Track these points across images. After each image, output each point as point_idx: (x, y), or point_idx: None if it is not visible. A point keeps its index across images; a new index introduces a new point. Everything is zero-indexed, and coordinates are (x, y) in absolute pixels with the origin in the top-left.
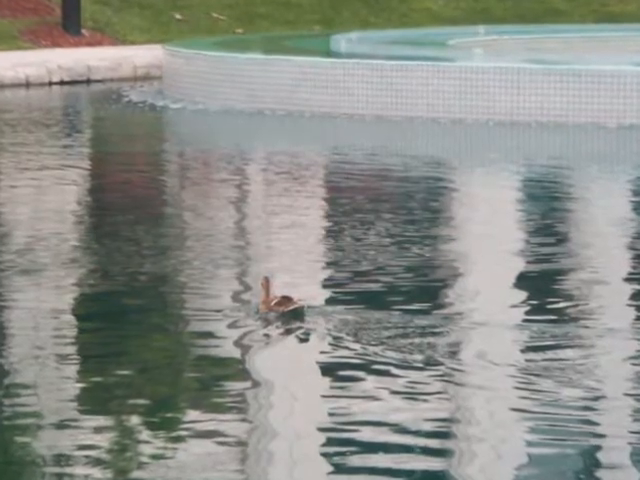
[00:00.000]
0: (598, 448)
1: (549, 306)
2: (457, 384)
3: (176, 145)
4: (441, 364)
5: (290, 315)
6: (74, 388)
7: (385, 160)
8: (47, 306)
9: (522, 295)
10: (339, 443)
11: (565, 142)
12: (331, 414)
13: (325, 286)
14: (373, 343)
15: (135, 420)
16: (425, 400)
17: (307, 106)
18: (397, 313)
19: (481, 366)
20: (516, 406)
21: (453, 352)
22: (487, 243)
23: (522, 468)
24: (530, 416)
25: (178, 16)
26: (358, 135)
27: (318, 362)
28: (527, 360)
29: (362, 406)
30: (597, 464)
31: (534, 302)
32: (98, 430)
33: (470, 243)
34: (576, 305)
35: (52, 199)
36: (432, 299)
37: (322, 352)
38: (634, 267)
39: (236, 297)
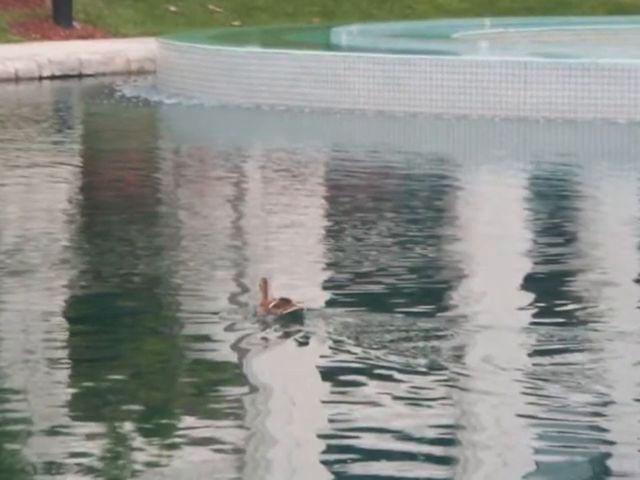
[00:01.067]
0: (607, 455)
1: (557, 308)
2: (462, 389)
3: (171, 141)
4: (445, 368)
5: (289, 318)
6: (65, 393)
7: (387, 157)
8: (37, 308)
9: (529, 297)
10: (340, 450)
11: (574, 138)
12: (331, 420)
13: (325, 288)
14: (375, 347)
15: (129, 426)
16: (429, 406)
17: (307, 101)
18: (400, 316)
19: (487, 371)
20: (523, 412)
21: (458, 356)
22: (493, 243)
23: (529, 476)
24: (537, 422)
25: (173, 8)
26: (359, 131)
27: (318, 366)
28: (534, 364)
29: (363, 412)
30: (606, 472)
31: (542, 304)
32: (90, 437)
33: (475, 243)
34: (585, 307)
35: (42, 197)
36: (436, 301)
37: (322, 356)
38: None
39: (233, 299)
